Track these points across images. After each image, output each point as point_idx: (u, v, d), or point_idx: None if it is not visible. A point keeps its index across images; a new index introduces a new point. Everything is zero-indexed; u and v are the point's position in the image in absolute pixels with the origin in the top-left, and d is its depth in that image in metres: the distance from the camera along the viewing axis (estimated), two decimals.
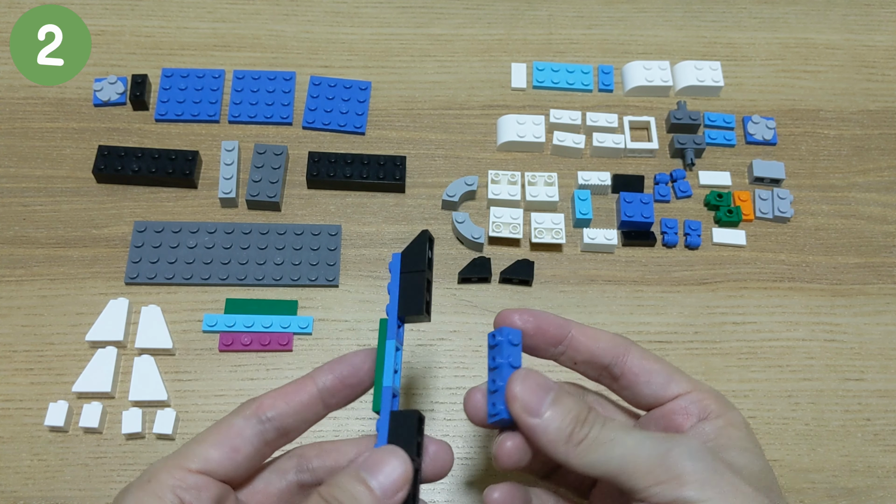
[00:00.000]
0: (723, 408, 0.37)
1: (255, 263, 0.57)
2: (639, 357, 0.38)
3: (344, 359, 0.37)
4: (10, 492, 0.49)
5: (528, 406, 0.34)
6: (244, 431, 0.35)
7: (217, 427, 0.35)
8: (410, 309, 0.37)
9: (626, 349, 0.38)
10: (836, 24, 0.71)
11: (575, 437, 0.34)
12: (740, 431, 0.36)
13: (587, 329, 0.39)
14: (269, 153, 0.60)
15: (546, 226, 0.58)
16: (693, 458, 0.32)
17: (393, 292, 0.38)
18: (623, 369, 0.38)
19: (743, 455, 0.35)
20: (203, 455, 0.34)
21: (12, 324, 0.54)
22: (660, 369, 0.38)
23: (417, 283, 0.37)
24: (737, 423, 0.36)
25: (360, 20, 0.68)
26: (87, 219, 0.58)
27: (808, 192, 0.62)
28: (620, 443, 0.33)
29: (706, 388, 0.38)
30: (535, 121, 0.63)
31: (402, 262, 0.38)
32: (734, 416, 0.37)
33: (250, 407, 0.36)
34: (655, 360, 0.38)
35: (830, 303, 0.58)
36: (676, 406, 0.37)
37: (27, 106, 0.63)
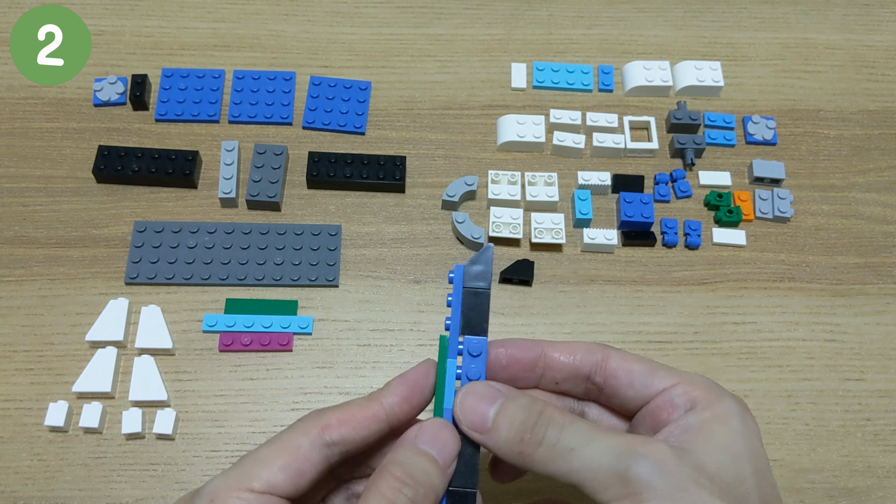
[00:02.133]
0: (712, 397, 0.35)
1: (255, 263, 0.57)
2: (618, 360, 0.37)
3: (407, 378, 0.36)
4: (10, 492, 0.49)
5: (473, 424, 0.34)
6: (311, 456, 0.33)
7: (282, 447, 0.33)
8: (474, 329, 0.36)
9: (605, 355, 0.37)
10: (836, 24, 0.71)
11: (526, 446, 0.33)
12: (726, 426, 0.34)
13: (560, 344, 0.38)
14: (269, 153, 0.60)
15: (546, 226, 0.58)
16: (654, 472, 0.31)
17: (455, 308, 0.36)
18: (605, 375, 0.37)
19: (722, 456, 0.33)
20: (267, 479, 0.32)
21: (12, 324, 0.54)
22: (641, 368, 0.36)
23: (481, 301, 0.36)
24: (725, 415, 0.34)
25: (360, 20, 0.68)
26: (87, 219, 0.58)
27: (808, 192, 0.62)
28: (579, 454, 0.32)
29: (695, 379, 0.36)
30: (535, 121, 0.63)
31: (465, 274, 0.36)
32: (723, 407, 0.34)
33: (315, 426, 0.33)
34: (636, 359, 0.37)
35: (830, 303, 0.58)
36: (661, 401, 0.35)
37: (27, 106, 0.63)
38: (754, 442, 0.34)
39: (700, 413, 0.34)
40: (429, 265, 0.58)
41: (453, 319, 0.36)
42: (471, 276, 0.36)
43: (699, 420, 0.34)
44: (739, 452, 0.33)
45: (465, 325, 0.36)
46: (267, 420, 0.52)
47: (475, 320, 0.36)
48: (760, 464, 0.34)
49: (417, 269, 0.57)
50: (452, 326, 0.36)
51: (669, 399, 0.35)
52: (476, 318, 0.36)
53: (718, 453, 0.33)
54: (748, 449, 0.34)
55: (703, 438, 0.33)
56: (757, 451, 0.34)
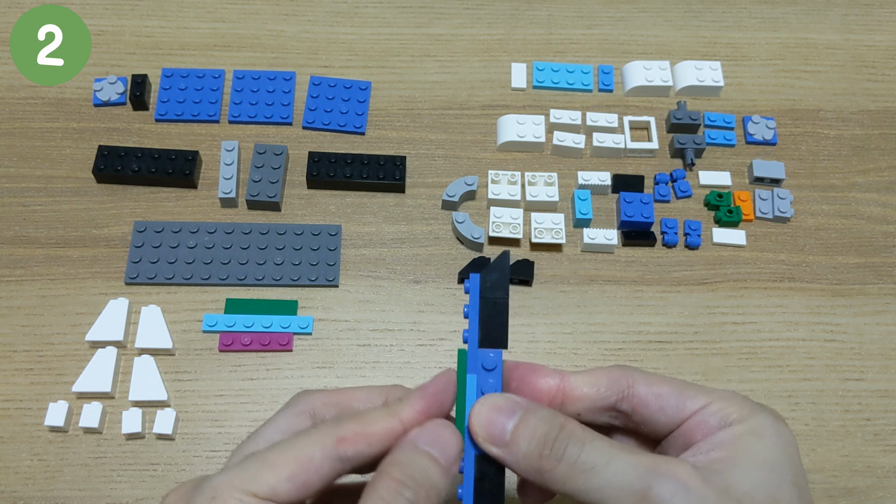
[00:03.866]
0: (746, 412, 0.33)
1: (255, 263, 0.57)
2: (645, 384, 0.35)
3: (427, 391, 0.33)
4: (10, 492, 0.49)
5: (492, 436, 0.32)
6: (322, 469, 0.31)
7: (290, 452, 0.31)
8: (494, 341, 0.34)
9: (631, 381, 0.35)
10: (836, 24, 0.71)
11: (546, 462, 0.31)
12: (761, 441, 0.32)
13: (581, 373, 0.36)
14: (269, 153, 0.60)
15: (546, 226, 0.58)
16: (677, 493, 0.30)
17: (473, 319, 0.35)
18: (632, 403, 0.35)
19: (754, 473, 0.31)
20: (272, 484, 0.30)
21: (12, 324, 0.54)
22: (670, 391, 0.34)
23: (500, 311, 0.34)
24: (759, 430, 0.32)
25: (360, 20, 0.68)
26: (87, 219, 0.58)
27: (808, 192, 0.62)
28: (600, 473, 0.31)
29: (727, 395, 0.34)
30: (535, 121, 0.63)
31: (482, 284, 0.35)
32: (758, 422, 0.33)
33: (330, 438, 0.31)
34: (664, 381, 0.35)
35: (830, 303, 0.58)
36: (694, 422, 0.34)
37: (27, 106, 0.63)
38: (793, 455, 0.33)
39: (733, 429, 0.33)
40: (429, 265, 0.58)
41: (471, 332, 0.34)
42: (488, 285, 0.35)
43: (731, 436, 0.33)
44: (776, 467, 0.32)
45: (483, 336, 0.34)
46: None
47: (494, 332, 0.34)
48: (799, 478, 0.32)
49: (417, 269, 0.57)
50: (471, 339, 0.34)
51: (703, 419, 0.34)
52: (495, 329, 0.34)
53: (751, 471, 0.32)
54: (784, 462, 0.32)
55: (735, 456, 0.32)
56: (794, 463, 0.32)
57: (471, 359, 0.34)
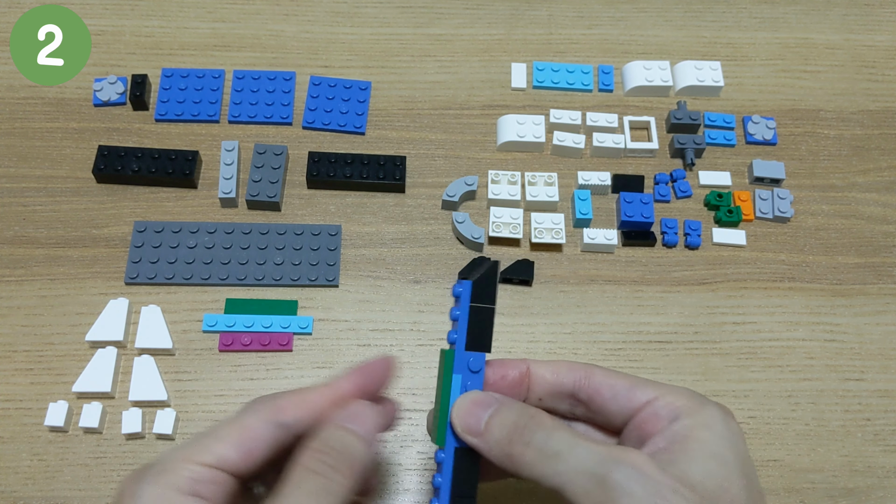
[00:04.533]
0: (695, 406, 0.35)
1: (255, 263, 0.57)
2: (601, 375, 0.38)
3: (365, 369, 0.37)
4: (10, 492, 0.49)
5: (468, 427, 0.36)
6: (262, 434, 0.34)
7: (233, 425, 0.34)
8: (478, 345, 0.37)
9: (588, 371, 0.38)
10: (836, 24, 0.71)
11: (515, 446, 0.34)
12: (710, 432, 0.34)
13: (544, 362, 0.39)
14: (269, 153, 0.60)
15: (546, 226, 0.58)
16: (633, 478, 0.32)
17: (462, 323, 0.37)
18: (588, 392, 0.38)
19: (706, 464, 0.33)
20: (218, 453, 0.33)
21: (12, 324, 0.54)
22: (623, 383, 0.37)
23: (487, 318, 0.37)
24: (708, 423, 0.35)
25: (360, 20, 0.68)
26: (87, 219, 0.58)
27: (808, 192, 0.62)
28: (564, 459, 0.33)
29: (677, 390, 0.36)
30: (535, 121, 0.63)
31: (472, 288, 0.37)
32: (707, 416, 0.35)
33: (268, 408, 0.35)
34: (619, 375, 0.38)
35: (830, 303, 0.58)
36: (646, 414, 0.36)
37: (27, 106, 0.63)
38: (741, 447, 0.34)
39: (684, 421, 0.35)
40: (429, 265, 0.58)
41: (459, 334, 0.37)
42: (477, 290, 0.37)
43: (684, 428, 0.34)
44: (726, 458, 0.34)
45: (470, 341, 0.37)
46: None
47: (480, 336, 0.37)
48: (748, 468, 0.34)
49: (417, 269, 0.57)
50: (458, 342, 0.37)
51: (654, 411, 0.36)
52: (481, 334, 0.37)
53: (704, 461, 0.33)
54: (735, 454, 0.34)
55: (689, 446, 0.34)
56: (744, 456, 0.34)
57: (457, 360, 0.37)
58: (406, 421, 0.52)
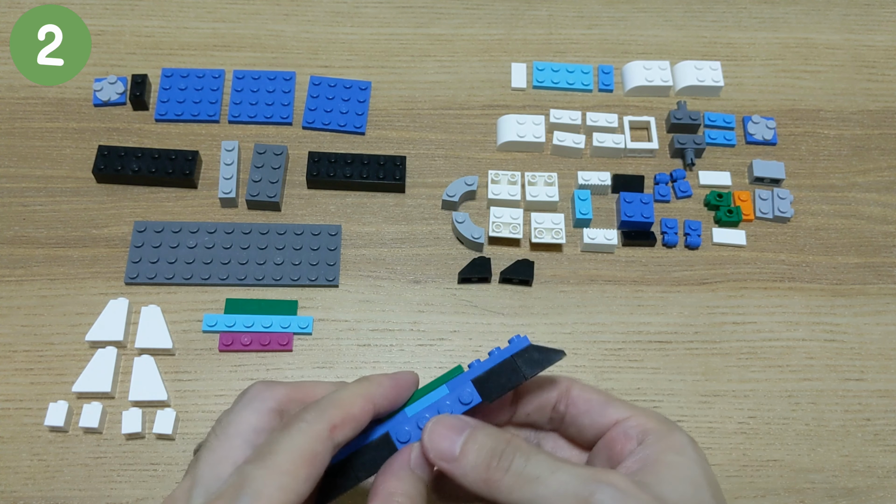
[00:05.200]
0: (664, 430, 0.36)
1: (255, 263, 0.57)
2: (579, 389, 0.38)
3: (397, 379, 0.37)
4: (10, 492, 0.49)
5: (441, 452, 0.34)
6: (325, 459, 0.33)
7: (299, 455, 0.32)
8: (485, 393, 0.37)
9: (569, 384, 0.39)
10: (836, 24, 0.71)
11: (493, 473, 0.34)
12: (681, 457, 0.35)
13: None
14: (269, 153, 0.60)
15: (546, 226, 0.58)
16: (616, 499, 0.32)
17: (490, 363, 0.37)
18: (567, 403, 0.38)
19: (681, 487, 0.33)
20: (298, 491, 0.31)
21: (12, 324, 0.54)
22: (598, 398, 0.38)
23: (512, 380, 0.37)
24: (678, 447, 0.35)
25: (360, 20, 0.68)
26: (87, 219, 0.58)
27: (808, 192, 0.62)
28: (545, 483, 0.33)
29: (647, 412, 0.37)
30: (535, 121, 0.63)
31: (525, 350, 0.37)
32: (676, 440, 0.35)
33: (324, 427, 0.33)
34: (595, 391, 0.38)
35: (830, 303, 0.58)
36: (616, 433, 0.36)
37: (27, 106, 0.63)
38: (709, 472, 0.35)
39: (654, 445, 0.35)
40: (429, 265, 0.58)
41: (480, 367, 0.37)
42: (526, 357, 0.37)
43: (655, 452, 0.35)
44: (699, 482, 0.34)
45: (481, 381, 0.37)
46: None
47: (493, 387, 0.37)
48: (717, 492, 0.35)
49: (417, 269, 0.57)
50: (473, 370, 0.37)
51: (623, 431, 0.36)
52: (496, 387, 0.37)
53: (678, 483, 0.34)
54: (706, 479, 0.35)
55: (661, 470, 0.34)
56: (712, 480, 0.35)
57: (459, 380, 0.37)
58: None
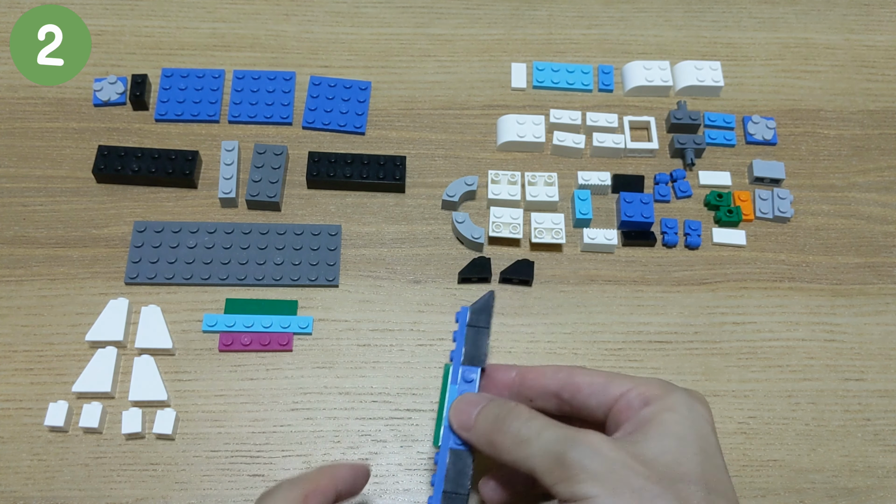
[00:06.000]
0: (662, 393, 0.38)
1: (255, 263, 0.57)
2: (582, 374, 0.41)
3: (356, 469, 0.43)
4: (10, 492, 0.49)
5: (461, 422, 0.40)
6: None
7: None
8: (475, 360, 0.42)
9: (571, 372, 0.41)
10: (836, 24, 0.71)
11: (496, 435, 0.38)
12: (672, 414, 0.37)
13: (532, 367, 0.43)
14: (269, 153, 0.60)
15: (546, 226, 0.58)
16: (587, 456, 0.35)
17: (459, 342, 0.43)
18: (571, 390, 0.41)
19: (663, 442, 0.36)
20: None
21: (12, 324, 0.54)
22: (601, 379, 0.40)
23: (482, 337, 0.43)
24: (673, 405, 0.37)
25: (360, 20, 0.68)
26: (87, 219, 0.58)
27: (808, 192, 0.62)
28: (532, 443, 0.37)
29: (649, 381, 0.39)
30: (535, 121, 0.63)
31: (470, 315, 0.43)
32: (672, 400, 0.37)
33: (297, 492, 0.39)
34: (597, 373, 0.40)
35: (830, 303, 0.57)
36: (620, 405, 0.39)
37: (27, 106, 0.63)
38: (702, 427, 0.37)
39: (651, 407, 0.38)
40: (429, 265, 0.58)
41: (457, 351, 0.43)
42: (474, 315, 0.43)
43: (649, 413, 0.37)
44: (684, 436, 0.36)
45: (466, 357, 0.42)
46: (267, 420, 0.52)
47: (475, 353, 0.43)
48: (707, 445, 0.36)
49: (417, 269, 0.57)
50: (455, 357, 0.43)
51: (626, 402, 0.39)
52: (476, 351, 0.43)
53: (661, 439, 0.36)
54: (695, 432, 0.36)
55: (650, 428, 0.36)
56: (704, 435, 0.37)
57: (454, 373, 0.42)
58: (406, 421, 0.52)
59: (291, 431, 0.52)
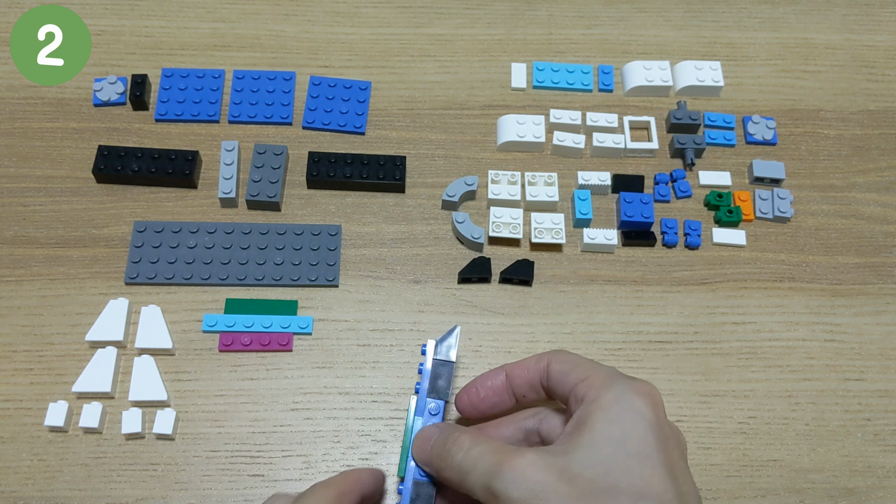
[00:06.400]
0: (602, 387, 0.38)
1: (255, 263, 0.57)
2: (557, 362, 0.41)
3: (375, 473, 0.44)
4: (10, 492, 0.49)
5: (420, 456, 0.42)
6: None
7: None
8: (440, 393, 0.45)
9: (548, 360, 0.42)
10: (836, 24, 0.71)
11: (444, 469, 0.39)
12: (605, 414, 0.36)
13: (517, 363, 0.43)
14: (269, 153, 0.60)
15: (546, 226, 0.58)
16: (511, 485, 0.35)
17: (425, 376, 0.45)
18: (549, 377, 0.41)
19: (592, 451, 0.35)
20: None
21: (12, 324, 0.54)
22: (570, 367, 0.40)
23: (447, 372, 0.45)
24: (606, 405, 0.37)
25: (360, 20, 0.68)
26: (87, 219, 0.58)
27: (808, 192, 0.62)
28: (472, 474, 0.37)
29: (602, 371, 0.39)
30: (535, 121, 0.63)
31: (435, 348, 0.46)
32: (608, 398, 0.37)
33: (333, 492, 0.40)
34: (571, 360, 0.41)
35: (830, 303, 0.57)
36: (573, 397, 0.39)
37: (27, 106, 0.63)
38: (636, 425, 0.36)
39: (585, 407, 0.37)
40: (429, 265, 0.58)
41: (422, 384, 0.45)
42: (441, 350, 0.46)
43: (583, 414, 0.37)
44: (613, 439, 0.35)
45: (431, 390, 0.45)
46: (267, 420, 0.52)
47: (441, 386, 0.45)
48: (641, 446, 0.35)
49: (417, 269, 0.57)
50: (421, 391, 0.45)
51: (576, 394, 0.39)
52: (442, 384, 0.45)
53: (590, 448, 0.36)
54: (624, 433, 0.36)
55: (581, 434, 0.36)
56: (638, 434, 0.36)
57: (419, 405, 0.45)
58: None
59: (291, 431, 0.52)
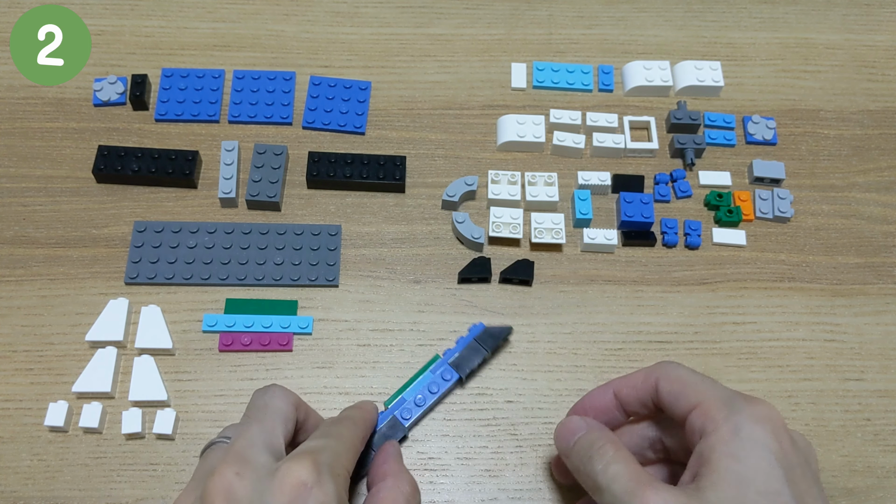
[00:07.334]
0: (721, 418, 0.36)
1: (255, 263, 0.57)
2: (664, 381, 0.41)
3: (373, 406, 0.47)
4: (10, 492, 0.49)
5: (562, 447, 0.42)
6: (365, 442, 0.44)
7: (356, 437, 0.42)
8: (460, 369, 0.51)
9: (657, 377, 0.41)
10: (836, 24, 0.71)
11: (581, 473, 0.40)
12: (729, 447, 0.35)
13: (623, 379, 0.43)
14: (269, 153, 0.60)
15: (546, 226, 0.58)
16: None
17: (459, 347, 0.51)
18: (659, 398, 0.41)
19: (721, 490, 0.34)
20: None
21: (12, 324, 0.54)
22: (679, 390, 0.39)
23: (478, 356, 0.51)
24: (727, 437, 0.36)
25: (360, 20, 0.68)
26: (87, 219, 0.58)
27: (808, 192, 0.62)
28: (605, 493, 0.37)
29: (714, 394, 0.38)
30: (535, 121, 0.63)
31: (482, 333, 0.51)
32: (727, 430, 0.36)
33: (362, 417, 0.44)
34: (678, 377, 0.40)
35: (830, 303, 0.57)
36: (690, 426, 0.38)
37: (27, 106, 0.63)
38: (762, 459, 0.35)
39: (707, 440, 0.36)
40: (429, 265, 0.58)
41: (452, 352, 0.51)
42: (485, 335, 0.52)
43: (706, 448, 0.36)
44: (741, 481, 0.34)
45: (457, 361, 0.51)
46: None
47: (465, 364, 0.51)
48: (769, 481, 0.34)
49: (417, 269, 0.57)
50: (447, 356, 0.51)
51: (691, 424, 0.38)
52: (467, 362, 0.51)
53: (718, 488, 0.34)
54: (751, 472, 0.34)
55: (708, 472, 0.35)
56: (764, 469, 0.34)
57: (439, 366, 0.51)
58: None
59: None
